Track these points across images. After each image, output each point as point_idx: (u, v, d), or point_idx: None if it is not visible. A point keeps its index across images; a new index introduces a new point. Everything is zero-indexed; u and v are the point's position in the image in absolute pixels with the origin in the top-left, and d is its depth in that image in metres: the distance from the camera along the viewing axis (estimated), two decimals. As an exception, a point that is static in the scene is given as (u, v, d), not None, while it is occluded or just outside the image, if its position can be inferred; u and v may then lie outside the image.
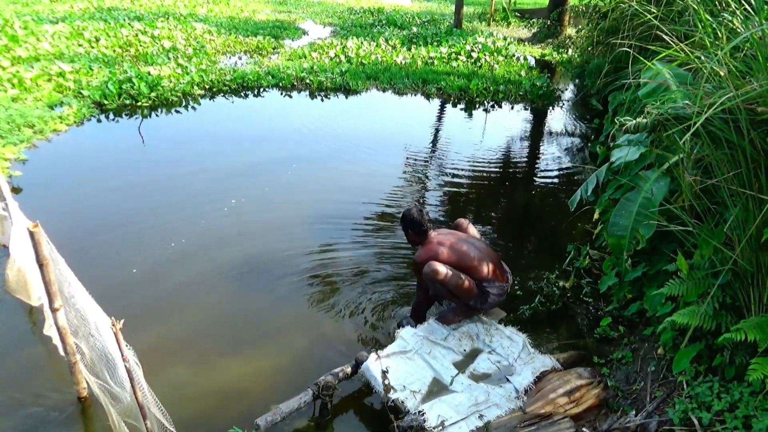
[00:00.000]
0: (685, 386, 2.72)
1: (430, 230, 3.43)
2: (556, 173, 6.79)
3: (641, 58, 3.53)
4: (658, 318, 3.15)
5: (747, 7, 2.99)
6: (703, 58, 2.92)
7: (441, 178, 6.34)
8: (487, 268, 3.38)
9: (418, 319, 3.57)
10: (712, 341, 2.74)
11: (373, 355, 3.07)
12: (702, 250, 2.81)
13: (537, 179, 6.67)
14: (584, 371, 3.09)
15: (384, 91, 9.95)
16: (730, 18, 3.03)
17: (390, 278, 4.25)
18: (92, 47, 11.09)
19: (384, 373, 2.86)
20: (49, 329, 3.06)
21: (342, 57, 11.64)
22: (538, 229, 5.27)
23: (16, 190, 5.26)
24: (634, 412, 2.79)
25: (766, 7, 2.95)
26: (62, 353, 2.83)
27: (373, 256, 4.55)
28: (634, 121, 3.17)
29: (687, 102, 2.86)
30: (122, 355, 2.19)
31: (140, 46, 11.63)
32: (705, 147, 2.77)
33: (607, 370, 3.23)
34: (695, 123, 2.31)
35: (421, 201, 5.68)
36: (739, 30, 2.89)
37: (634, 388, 3.01)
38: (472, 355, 3.27)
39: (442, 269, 3.22)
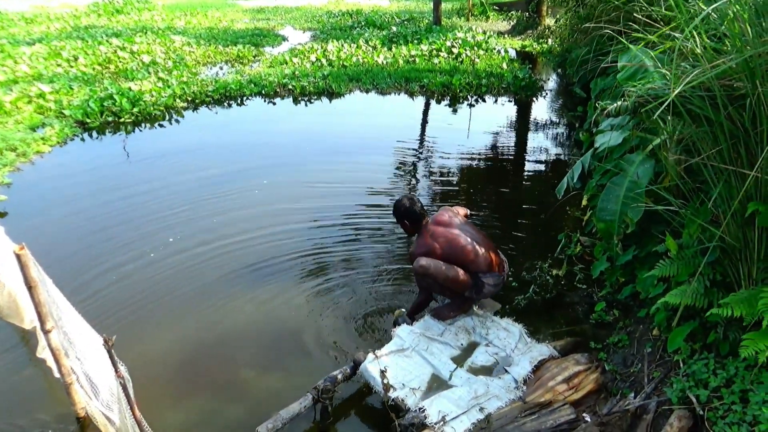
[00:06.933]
0: (681, 365, 2.73)
1: (425, 217, 3.43)
2: (543, 163, 6.82)
3: (622, 40, 3.54)
4: (651, 299, 3.17)
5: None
6: (678, 37, 2.93)
7: (430, 174, 6.35)
8: (484, 260, 3.36)
9: (415, 315, 3.56)
10: (705, 319, 2.76)
11: (370, 355, 3.07)
12: (689, 229, 2.83)
13: (525, 170, 6.69)
14: (582, 357, 3.10)
15: (367, 92, 9.96)
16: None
17: (384, 276, 4.25)
18: (71, 66, 11.04)
19: (383, 372, 2.86)
20: (43, 351, 3.03)
21: (323, 60, 11.64)
22: (528, 219, 5.28)
23: (1, 215, 5.21)
24: (633, 395, 2.80)
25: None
26: (57, 375, 2.80)
27: (366, 255, 4.55)
28: (615, 105, 3.18)
29: (665, 81, 2.88)
30: (116, 372, 2.17)
31: (119, 62, 11.59)
32: (686, 126, 2.79)
33: (604, 354, 3.24)
34: (670, 99, 2.32)
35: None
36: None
37: (632, 370, 3.03)
38: (470, 348, 3.28)
39: (430, 264, 3.21)
